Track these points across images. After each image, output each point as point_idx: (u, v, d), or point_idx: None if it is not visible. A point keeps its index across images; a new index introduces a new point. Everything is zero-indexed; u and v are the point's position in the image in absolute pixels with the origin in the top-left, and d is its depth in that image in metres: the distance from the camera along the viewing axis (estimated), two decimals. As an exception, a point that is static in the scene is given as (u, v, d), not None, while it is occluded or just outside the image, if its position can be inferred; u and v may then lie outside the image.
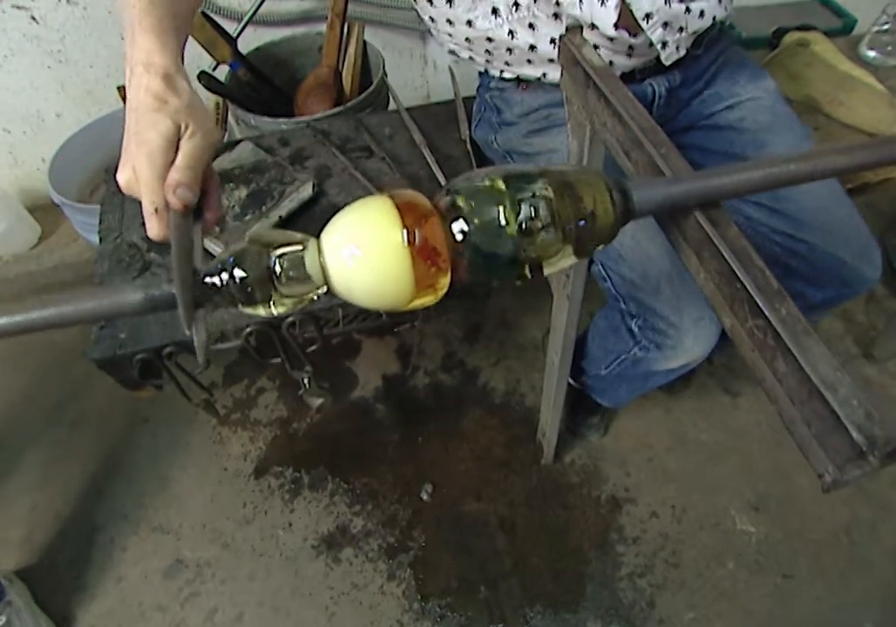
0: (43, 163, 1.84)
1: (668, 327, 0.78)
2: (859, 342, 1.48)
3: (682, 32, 0.75)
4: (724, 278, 0.39)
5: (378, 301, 0.39)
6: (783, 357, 0.35)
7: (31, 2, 1.46)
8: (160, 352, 0.77)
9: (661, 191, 0.40)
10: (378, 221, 0.36)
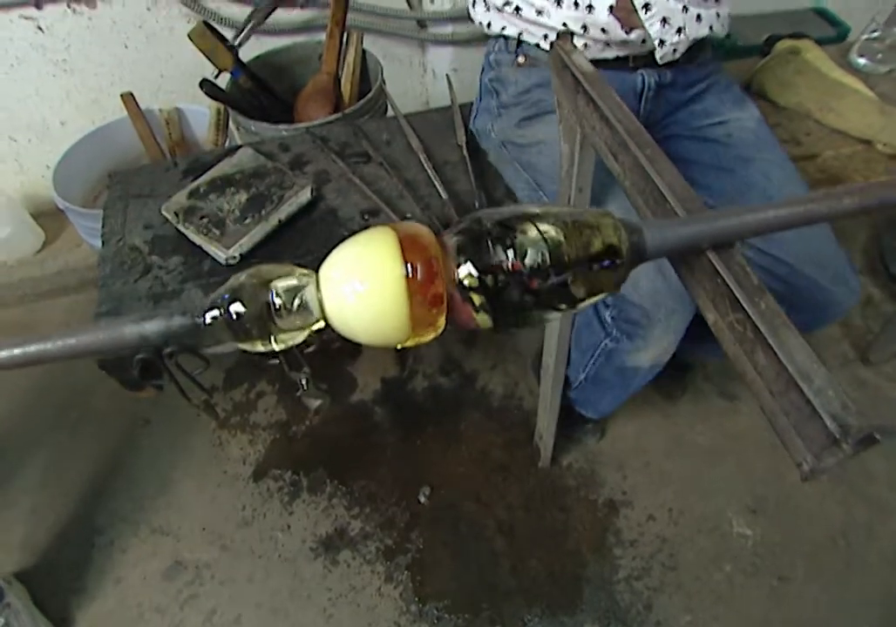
0: (47, 170, 1.85)
1: (642, 317, 0.79)
2: (856, 345, 1.48)
3: (680, 34, 0.79)
4: (706, 274, 0.40)
5: (376, 338, 0.38)
6: (762, 349, 0.37)
7: (37, 12, 1.48)
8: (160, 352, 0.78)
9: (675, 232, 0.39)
10: (380, 260, 0.36)
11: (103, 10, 1.53)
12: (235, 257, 0.86)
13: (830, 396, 0.33)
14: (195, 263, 0.86)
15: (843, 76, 1.06)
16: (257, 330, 0.37)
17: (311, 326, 0.38)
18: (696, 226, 0.39)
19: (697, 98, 0.91)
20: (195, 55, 1.62)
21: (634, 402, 1.37)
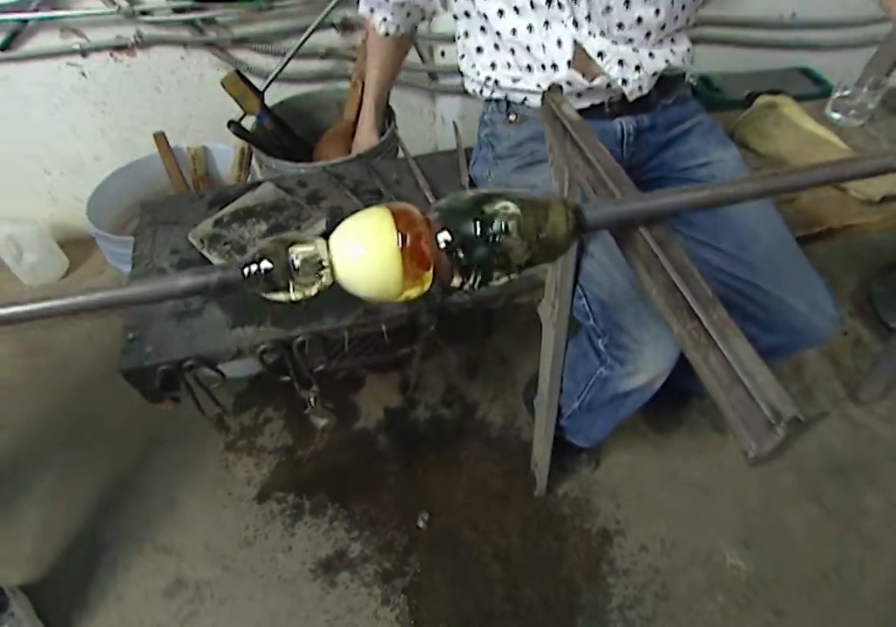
0: (77, 202, 1.97)
1: (631, 342, 0.85)
2: (846, 385, 1.53)
3: (639, 71, 0.88)
4: (668, 290, 0.47)
5: (375, 291, 0.46)
6: (714, 353, 0.42)
7: (83, 59, 1.62)
8: (181, 365, 0.84)
9: (609, 210, 0.49)
10: (377, 226, 0.44)
11: (141, 58, 1.67)
12: (254, 281, 0.93)
13: (769, 390, 0.39)
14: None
15: (818, 129, 1.15)
16: (281, 283, 0.44)
17: (323, 281, 0.45)
18: (626, 205, 0.49)
19: (681, 139, 0.99)
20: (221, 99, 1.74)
21: (628, 434, 1.42)
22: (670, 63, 0.90)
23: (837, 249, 1.88)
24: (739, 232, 0.92)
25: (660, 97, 0.95)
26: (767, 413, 0.38)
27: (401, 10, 1.06)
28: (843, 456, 1.40)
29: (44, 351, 1.72)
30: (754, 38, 1.97)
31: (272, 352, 0.86)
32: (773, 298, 0.89)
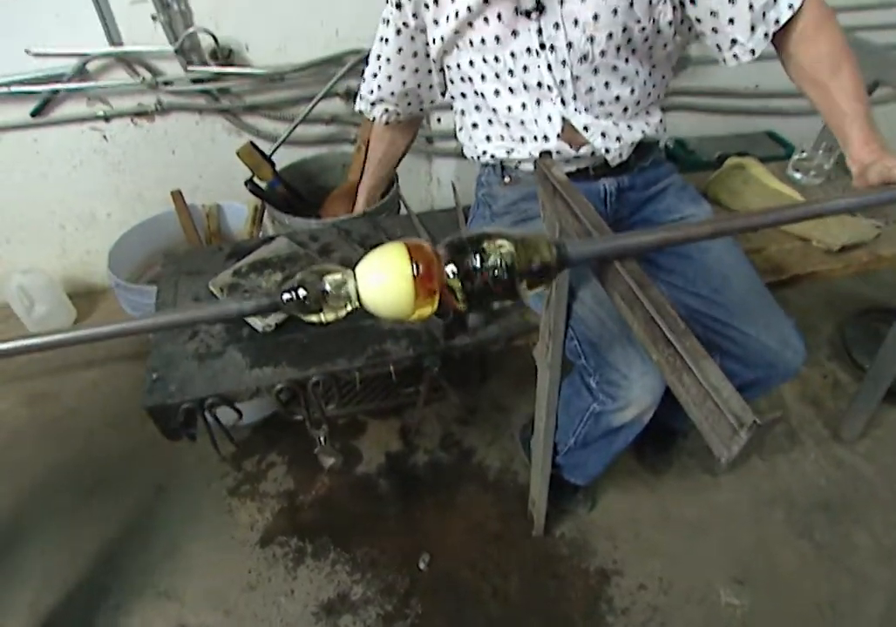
0: (87, 255, 2.07)
1: (620, 378, 0.92)
2: (829, 425, 1.59)
3: (619, 141, 1.00)
4: (648, 324, 0.55)
5: (392, 313, 0.54)
6: (687, 374, 0.50)
7: (105, 124, 1.75)
8: (203, 403, 0.90)
9: (587, 247, 0.58)
10: (395, 261, 0.53)
11: (159, 123, 1.80)
12: (271, 325, 1.01)
13: (732, 402, 0.46)
14: (236, 330, 1.01)
15: (782, 187, 1.27)
16: (315, 307, 0.52)
17: (350, 305, 0.54)
18: (602, 243, 0.59)
19: (658, 197, 1.11)
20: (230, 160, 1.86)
21: (623, 476, 1.47)
22: (645, 133, 1.02)
23: (813, 298, 1.99)
24: (714, 278, 1.02)
25: (637, 161, 1.06)
26: (732, 421, 0.45)
27: (404, 99, 1.15)
28: (829, 493, 1.45)
29: (49, 401, 1.76)
30: (724, 105, 2.15)
31: (287, 392, 0.93)
32: (748, 337, 0.98)
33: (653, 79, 0.98)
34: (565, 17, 0.88)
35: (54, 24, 1.54)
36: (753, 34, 0.87)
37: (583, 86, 0.94)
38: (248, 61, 1.73)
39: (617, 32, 0.88)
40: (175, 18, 1.60)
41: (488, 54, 0.94)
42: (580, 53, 0.90)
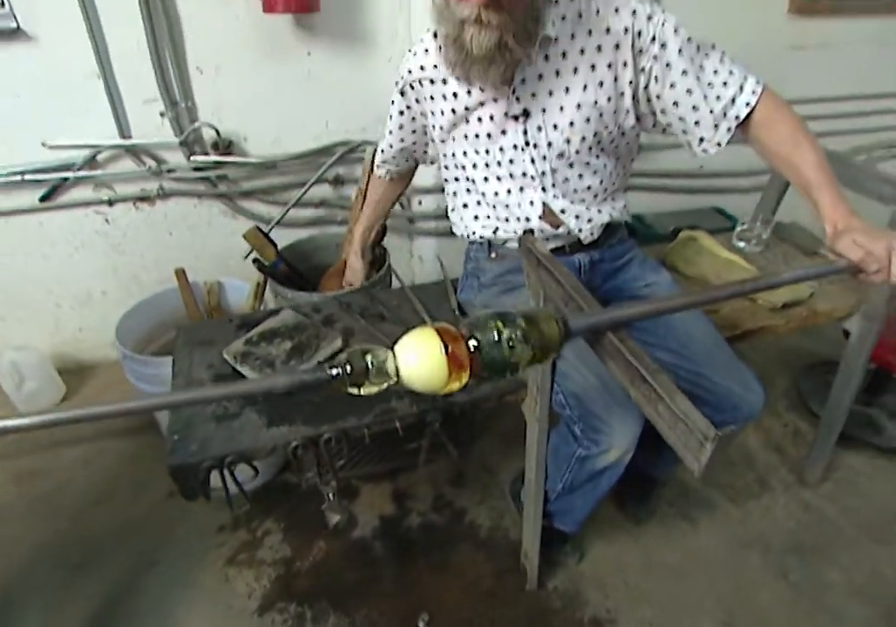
0: (79, 333, 2.13)
1: (602, 425, 1.04)
2: (793, 471, 1.71)
3: (591, 222, 1.17)
4: (627, 368, 0.67)
5: (427, 387, 0.63)
6: (661, 404, 0.62)
7: (108, 208, 1.87)
8: (223, 460, 0.97)
9: (585, 321, 0.69)
10: (428, 343, 0.62)
11: (159, 207, 1.93)
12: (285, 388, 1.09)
13: (698, 422, 0.58)
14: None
15: (730, 255, 1.45)
16: (359, 381, 0.61)
17: (389, 381, 0.62)
18: (597, 317, 0.71)
19: (625, 268, 1.27)
20: (225, 242, 2.02)
21: (608, 528, 1.54)
22: (612, 215, 1.20)
23: (768, 355, 2.17)
24: (680, 335, 1.16)
25: (607, 239, 1.23)
26: (700, 437, 0.57)
27: (401, 155, 1.34)
28: (799, 535, 1.54)
29: (37, 478, 1.76)
30: (675, 185, 2.42)
31: (302, 448, 1.00)
32: (715, 384, 1.11)
33: (617, 170, 1.17)
34: (546, 122, 1.06)
35: (70, 119, 1.69)
36: (717, 131, 1.01)
37: (560, 177, 1.12)
38: (246, 151, 1.91)
39: (589, 136, 1.06)
40: (182, 114, 1.77)
41: (480, 147, 1.11)
42: (558, 151, 1.08)
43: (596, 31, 0.99)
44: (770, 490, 1.67)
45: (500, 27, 0.88)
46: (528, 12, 0.90)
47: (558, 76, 1.02)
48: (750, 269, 1.42)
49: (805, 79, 2.28)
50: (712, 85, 0.99)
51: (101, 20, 1.58)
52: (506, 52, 0.91)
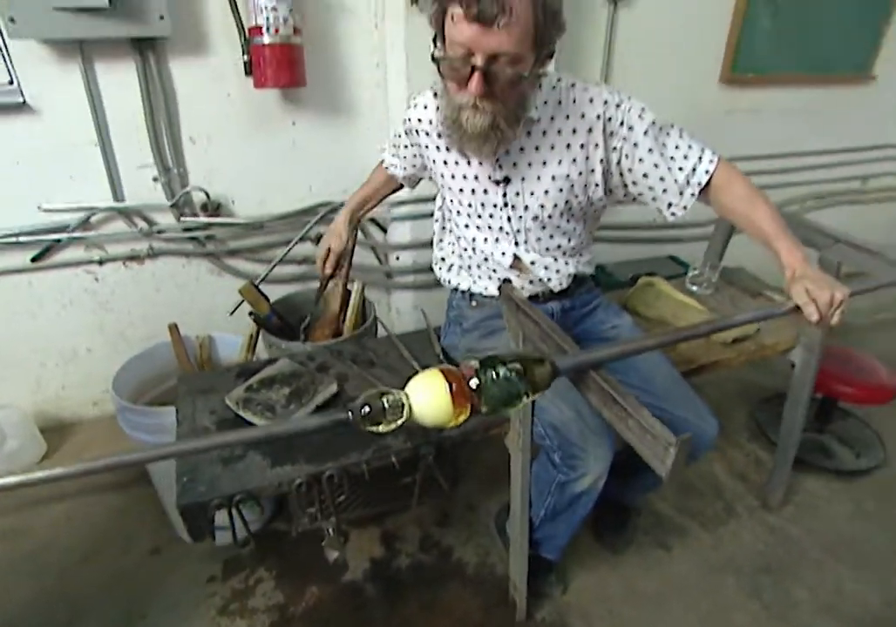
0: (62, 390, 2.15)
1: (578, 452, 1.15)
2: (758, 497, 1.83)
3: (559, 273, 1.31)
4: (602, 393, 0.79)
5: (436, 421, 0.72)
6: (630, 420, 0.73)
7: (98, 268, 1.95)
8: (232, 499, 1.03)
9: (571, 361, 0.81)
10: (435, 383, 0.72)
11: (148, 266, 2.02)
12: (285, 430, 1.17)
13: (661, 432, 0.69)
14: (255, 436, 1.16)
15: (685, 298, 1.61)
16: (378, 419, 0.70)
17: (403, 418, 0.72)
18: (580, 357, 0.82)
19: (592, 313, 1.42)
20: (210, 299, 2.11)
21: (590, 559, 1.62)
22: (578, 268, 1.34)
23: (727, 391, 2.32)
24: (643, 373, 1.29)
25: (576, 289, 1.37)
26: (664, 443, 0.68)
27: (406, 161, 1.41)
28: (768, 557, 1.64)
29: (20, 537, 1.75)
30: (633, 236, 2.63)
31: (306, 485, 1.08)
32: (674, 416, 1.23)
33: (584, 232, 1.32)
34: (524, 189, 1.20)
35: (67, 183, 1.79)
36: (683, 196, 1.16)
37: (533, 236, 1.26)
38: (234, 212, 2.03)
39: (561, 204, 1.21)
40: (174, 179, 1.89)
41: (464, 200, 1.24)
42: (533, 214, 1.23)
43: (573, 116, 1.15)
44: (737, 515, 1.78)
45: (494, 113, 1.01)
46: (517, 101, 1.04)
47: (537, 151, 1.17)
48: (702, 310, 1.58)
49: (738, 139, 2.55)
50: (675, 158, 1.15)
51: (101, 94, 1.71)
52: (497, 132, 1.04)
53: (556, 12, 0.96)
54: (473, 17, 0.90)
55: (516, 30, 0.91)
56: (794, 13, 2.41)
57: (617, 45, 2.23)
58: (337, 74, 1.92)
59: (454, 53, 0.96)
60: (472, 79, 0.96)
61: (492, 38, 0.91)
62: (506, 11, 0.88)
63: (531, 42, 0.94)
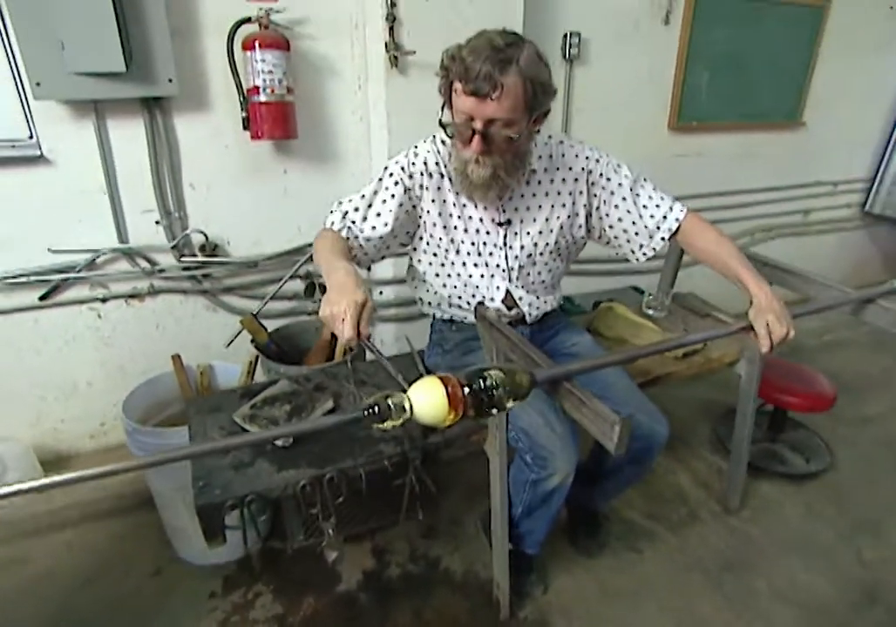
0: (60, 424, 2.24)
1: (546, 453, 1.31)
2: (719, 502, 1.99)
3: (538, 309, 1.51)
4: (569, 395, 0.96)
5: (433, 419, 0.86)
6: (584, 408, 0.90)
7: (101, 305, 2.08)
8: (244, 499, 1.16)
9: (546, 373, 0.97)
10: (434, 387, 0.86)
11: (148, 304, 2.15)
12: (289, 441, 1.31)
13: (607, 415, 0.86)
14: (262, 446, 1.30)
15: (642, 320, 1.81)
16: (384, 416, 0.85)
17: (405, 417, 0.87)
18: (554, 370, 0.98)
19: (556, 334, 1.60)
20: (206, 333, 2.24)
21: (566, 562, 1.76)
22: (552, 304, 1.54)
23: (691, 409, 2.51)
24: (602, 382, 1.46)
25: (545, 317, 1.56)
26: (609, 423, 0.85)
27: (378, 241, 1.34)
28: (730, 555, 1.80)
29: (22, 565, 1.81)
30: (597, 269, 2.85)
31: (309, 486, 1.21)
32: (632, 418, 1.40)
33: (563, 268, 1.53)
34: (522, 230, 1.40)
35: (75, 226, 1.93)
36: (652, 240, 1.39)
37: (525, 272, 1.45)
38: (229, 253, 2.19)
39: (551, 243, 1.42)
40: (175, 222, 2.05)
41: (467, 239, 1.41)
42: (528, 252, 1.42)
43: (562, 168, 1.38)
44: (701, 520, 1.94)
45: (494, 166, 1.21)
46: (514, 155, 1.23)
47: (534, 197, 1.39)
48: (656, 329, 1.78)
49: (687, 179, 2.83)
50: (647, 207, 1.38)
51: (112, 146, 1.88)
52: (499, 181, 1.25)
53: (545, 83, 1.15)
54: (471, 91, 1.10)
55: (507, 101, 1.11)
56: (727, 71, 2.73)
57: (574, 98, 2.50)
58: (325, 128, 2.13)
59: (458, 119, 1.17)
60: (474, 140, 1.16)
61: (487, 108, 1.11)
62: (497, 87, 1.08)
63: (523, 109, 1.14)
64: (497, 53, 1.08)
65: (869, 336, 3.27)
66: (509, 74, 1.09)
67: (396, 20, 1.90)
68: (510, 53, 1.09)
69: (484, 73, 1.07)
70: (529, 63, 1.11)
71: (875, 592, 1.68)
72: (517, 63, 1.09)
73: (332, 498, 1.25)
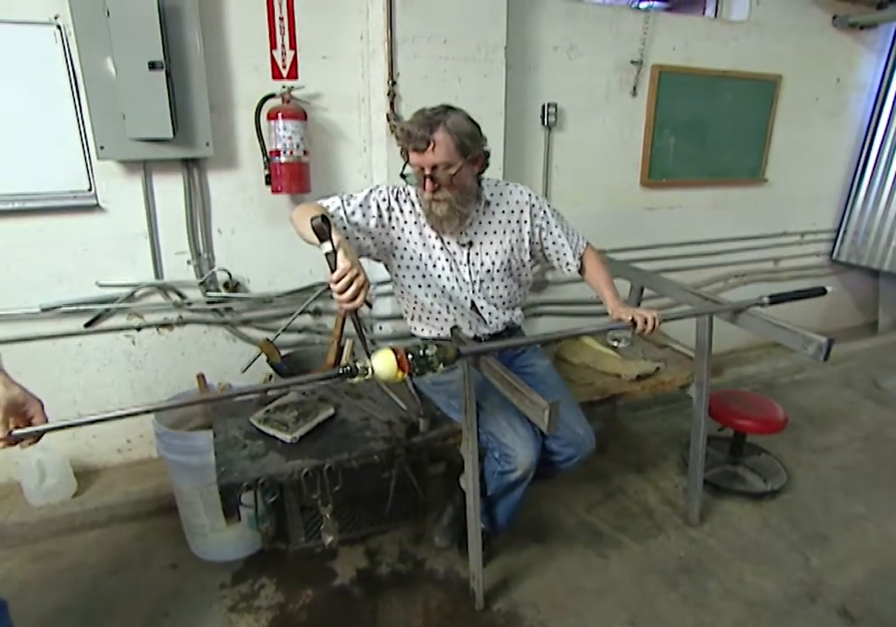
0: (93, 439, 2.50)
1: (510, 450, 1.57)
2: (682, 517, 2.20)
3: (498, 319, 1.80)
4: (507, 385, 1.23)
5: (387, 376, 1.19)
6: (526, 399, 1.17)
7: (136, 333, 2.38)
8: (257, 481, 1.42)
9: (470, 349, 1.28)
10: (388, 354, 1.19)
11: (177, 332, 2.45)
12: (296, 438, 1.57)
13: (541, 401, 1.12)
14: (273, 442, 1.57)
15: (604, 348, 2.08)
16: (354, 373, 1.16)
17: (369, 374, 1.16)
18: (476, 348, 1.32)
19: (520, 355, 1.88)
20: (224, 360, 2.53)
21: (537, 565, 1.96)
22: (511, 319, 1.83)
23: (664, 438, 2.73)
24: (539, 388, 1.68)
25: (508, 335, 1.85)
26: (541, 409, 1.12)
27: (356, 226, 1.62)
28: (687, 560, 1.99)
29: (55, 557, 2.05)
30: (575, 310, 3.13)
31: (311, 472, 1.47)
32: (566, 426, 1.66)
33: (518, 291, 1.83)
34: (482, 250, 1.72)
35: (119, 264, 2.26)
36: (575, 258, 1.78)
37: (485, 286, 1.76)
38: (248, 289, 2.50)
39: (504, 261, 1.74)
40: (203, 262, 2.38)
41: (441, 256, 1.71)
42: (486, 268, 1.73)
43: (510, 202, 1.75)
44: (664, 531, 2.14)
45: (448, 200, 1.56)
46: (460, 190, 1.57)
47: (490, 224, 1.73)
48: (616, 356, 2.04)
49: (660, 230, 3.15)
50: (570, 234, 1.77)
51: (155, 198, 2.23)
52: (456, 212, 1.60)
53: (470, 133, 1.53)
54: (414, 149, 1.50)
55: (441, 149, 1.48)
56: (692, 135, 3.09)
57: (554, 159, 2.85)
58: (334, 183, 2.49)
59: (414, 169, 1.55)
60: (426, 182, 1.52)
61: (427, 158, 1.50)
62: (430, 142, 1.47)
63: (456, 153, 1.51)
64: (427, 120, 1.49)
65: (838, 375, 3.51)
66: (438, 132, 1.47)
67: (396, 96, 2.28)
68: (437, 118, 1.49)
69: (419, 135, 1.47)
70: (455, 122, 1.49)
71: (816, 592, 1.86)
72: (444, 124, 1.48)
73: (330, 485, 1.50)
